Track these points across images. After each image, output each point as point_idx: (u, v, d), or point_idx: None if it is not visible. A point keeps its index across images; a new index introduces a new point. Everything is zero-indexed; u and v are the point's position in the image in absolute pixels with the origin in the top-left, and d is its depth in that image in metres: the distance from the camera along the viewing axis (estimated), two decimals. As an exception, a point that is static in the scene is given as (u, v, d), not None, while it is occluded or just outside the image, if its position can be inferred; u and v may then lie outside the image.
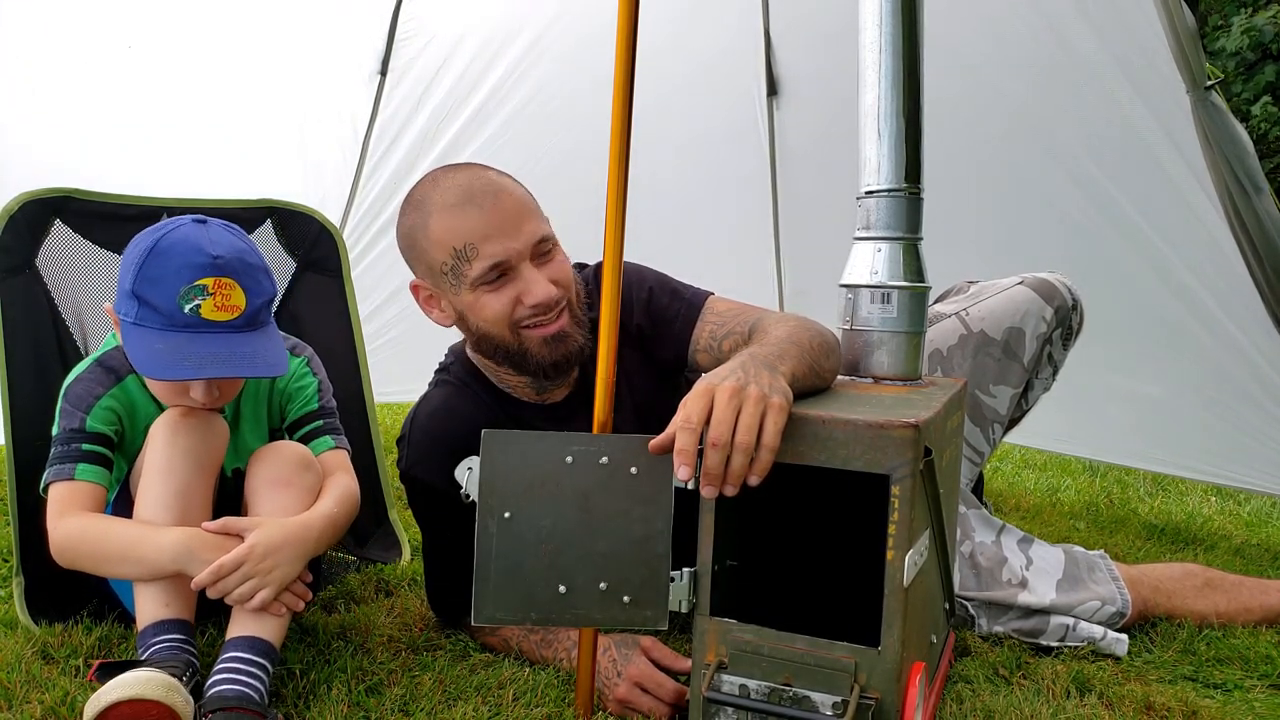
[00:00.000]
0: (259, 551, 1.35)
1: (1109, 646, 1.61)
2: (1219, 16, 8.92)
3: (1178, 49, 2.11)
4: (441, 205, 1.41)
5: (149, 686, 1.20)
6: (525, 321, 1.43)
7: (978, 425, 1.75)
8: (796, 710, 1.12)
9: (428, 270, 1.45)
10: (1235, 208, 2.14)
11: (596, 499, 1.17)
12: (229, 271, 1.40)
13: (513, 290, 1.42)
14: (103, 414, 1.51)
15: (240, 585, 1.34)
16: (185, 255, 1.38)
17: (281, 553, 1.38)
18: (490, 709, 1.35)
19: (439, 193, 1.42)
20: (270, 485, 1.49)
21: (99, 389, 1.52)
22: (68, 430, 1.49)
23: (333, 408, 1.71)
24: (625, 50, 1.24)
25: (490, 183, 1.43)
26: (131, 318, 1.40)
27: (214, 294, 1.39)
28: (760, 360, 1.18)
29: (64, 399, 1.52)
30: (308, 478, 1.52)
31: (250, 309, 1.42)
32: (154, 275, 1.38)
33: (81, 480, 1.46)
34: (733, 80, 3.31)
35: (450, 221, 1.40)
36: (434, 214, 1.41)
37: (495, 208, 1.40)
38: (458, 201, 1.40)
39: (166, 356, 1.36)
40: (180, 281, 1.37)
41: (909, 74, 1.41)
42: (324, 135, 3.07)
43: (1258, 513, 2.79)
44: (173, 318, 1.38)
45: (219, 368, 1.38)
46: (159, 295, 1.37)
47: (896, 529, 1.09)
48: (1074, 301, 1.75)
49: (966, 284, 1.86)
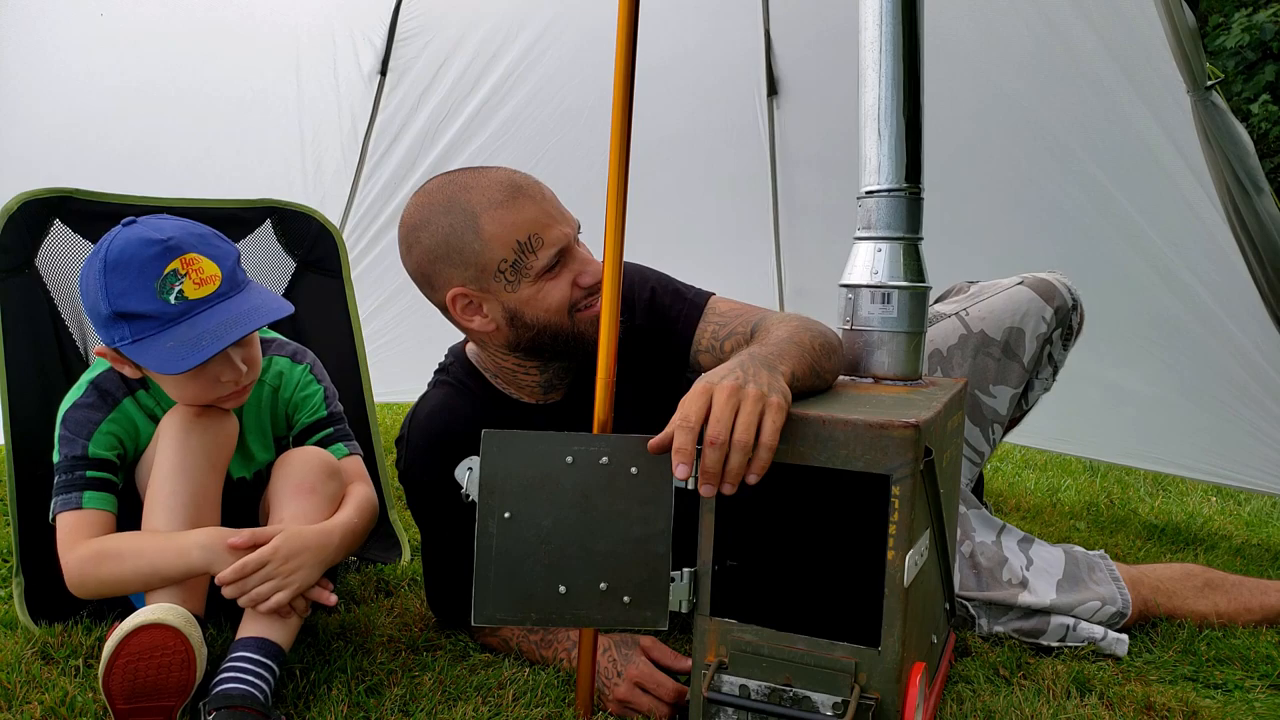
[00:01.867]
0: (282, 554, 1.36)
1: (1109, 647, 1.61)
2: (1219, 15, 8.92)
3: (1178, 48, 2.11)
4: (489, 203, 1.38)
5: (168, 614, 1.25)
6: (580, 304, 1.44)
7: (977, 425, 1.75)
8: (796, 710, 1.12)
9: (477, 274, 1.40)
10: (1235, 207, 2.14)
11: (596, 499, 1.17)
12: (186, 247, 1.39)
13: (569, 274, 1.42)
14: (104, 439, 1.50)
15: (261, 585, 1.35)
16: (138, 252, 1.37)
17: (303, 557, 1.38)
18: (490, 709, 1.35)
19: (478, 193, 1.39)
20: (295, 491, 1.49)
21: (98, 415, 1.51)
22: (70, 458, 1.48)
23: (341, 413, 1.71)
24: (625, 50, 1.24)
25: (526, 175, 1.44)
26: (129, 338, 1.38)
27: (187, 274, 1.38)
28: (759, 359, 1.18)
29: (62, 426, 1.50)
30: (331, 485, 1.52)
31: (226, 272, 1.41)
32: (122, 288, 1.36)
33: (89, 509, 1.46)
34: (733, 80, 3.31)
35: (505, 215, 1.38)
36: (483, 212, 1.38)
37: (544, 196, 1.41)
38: (507, 196, 1.39)
39: (181, 349, 1.36)
40: (149, 278, 1.36)
41: (909, 74, 1.41)
42: (324, 135, 3.07)
43: (1258, 513, 2.79)
44: (164, 313, 1.36)
45: (234, 331, 1.38)
46: (138, 301, 1.36)
47: (896, 529, 1.09)
48: (1074, 301, 1.75)
49: (966, 284, 1.86)
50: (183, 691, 1.26)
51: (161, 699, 1.25)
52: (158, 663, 1.24)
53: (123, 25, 2.61)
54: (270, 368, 1.65)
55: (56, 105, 2.58)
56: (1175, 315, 2.48)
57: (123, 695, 1.23)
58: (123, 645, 1.23)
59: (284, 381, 1.66)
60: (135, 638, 1.24)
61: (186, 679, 1.26)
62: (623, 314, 1.31)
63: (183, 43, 2.72)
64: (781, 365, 1.19)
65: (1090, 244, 2.60)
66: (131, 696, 1.23)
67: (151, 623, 1.24)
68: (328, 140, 3.08)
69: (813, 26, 3.10)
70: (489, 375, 1.57)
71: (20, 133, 2.52)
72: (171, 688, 1.25)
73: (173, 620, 1.25)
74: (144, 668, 1.23)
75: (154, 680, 1.24)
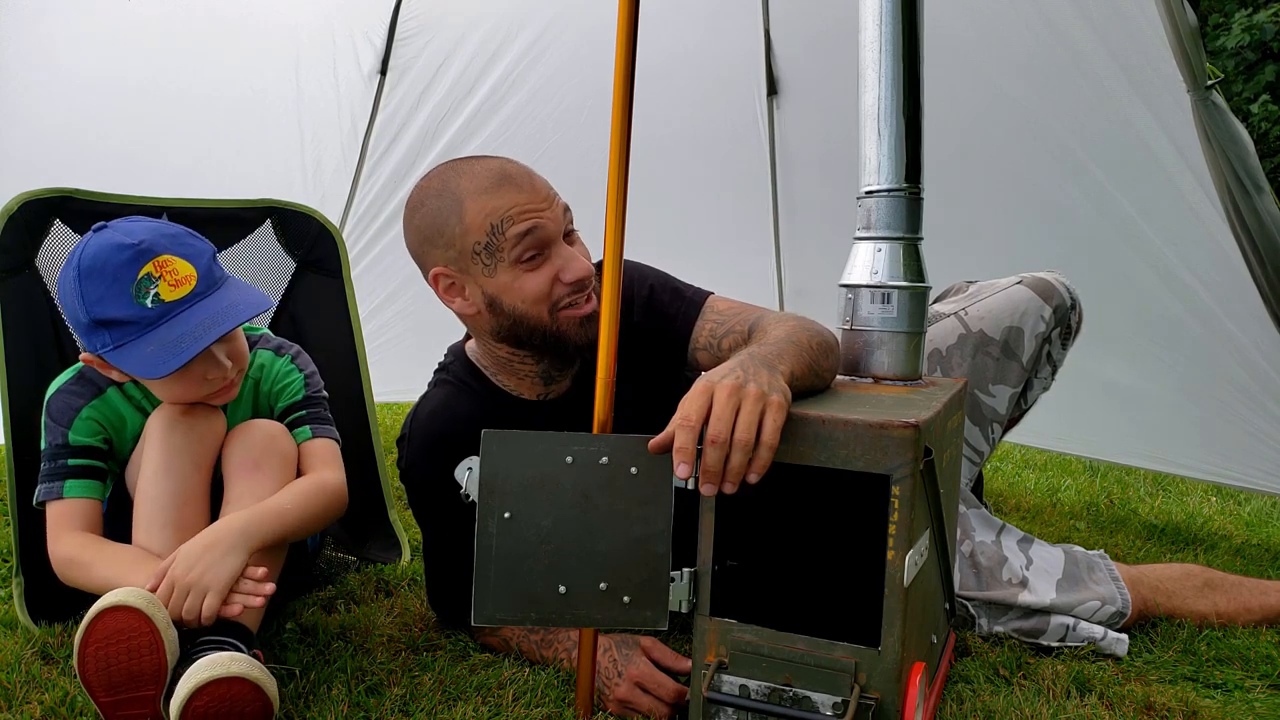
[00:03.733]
0: (180, 566, 1.31)
1: (1109, 647, 1.61)
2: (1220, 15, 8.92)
3: (1178, 48, 2.11)
4: (475, 189, 1.40)
5: (129, 595, 1.21)
6: (563, 302, 1.43)
7: (977, 425, 1.75)
8: (797, 711, 1.12)
9: (457, 255, 1.42)
10: (1235, 207, 2.14)
11: (596, 499, 1.17)
12: (159, 249, 1.38)
13: (550, 269, 1.42)
14: (85, 425, 1.50)
15: (184, 602, 1.29)
16: (110, 258, 1.36)
17: (206, 556, 1.32)
18: (490, 709, 1.35)
19: (468, 179, 1.41)
20: (240, 469, 1.49)
21: (79, 401, 1.51)
22: (52, 446, 1.49)
23: (320, 397, 1.70)
24: (625, 50, 1.24)
25: (520, 166, 1.45)
26: (111, 344, 1.37)
27: (162, 276, 1.37)
28: (759, 359, 1.18)
29: (46, 412, 1.51)
30: (273, 458, 1.51)
31: (202, 271, 1.41)
32: (98, 294, 1.36)
33: (71, 497, 1.46)
34: (733, 80, 3.31)
35: (488, 201, 1.39)
36: (467, 197, 1.40)
37: (532, 187, 1.42)
38: (493, 183, 1.40)
39: (161, 352, 1.36)
40: (124, 283, 1.35)
41: (909, 74, 1.41)
42: (324, 134, 3.07)
43: (1258, 513, 2.79)
44: (143, 318, 1.36)
45: (212, 330, 1.38)
46: (116, 307, 1.36)
47: (896, 529, 1.09)
48: (1072, 301, 1.75)
49: (965, 284, 1.86)
50: (157, 677, 1.22)
51: (140, 688, 1.22)
52: (126, 647, 1.21)
53: (122, 25, 2.61)
54: (254, 361, 1.65)
55: (56, 105, 2.58)
56: (1175, 315, 2.48)
57: (102, 687, 1.21)
58: (89, 632, 1.20)
59: (265, 374, 1.67)
60: (100, 622, 1.20)
61: (158, 663, 1.22)
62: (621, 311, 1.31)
63: (183, 42, 2.72)
64: (781, 365, 1.19)
65: (1090, 244, 2.59)
66: (110, 687, 1.21)
67: (114, 605, 1.21)
68: (328, 140, 3.08)
69: (813, 26, 3.10)
70: (489, 372, 1.57)
71: (20, 133, 2.52)
72: (146, 674, 1.22)
73: (134, 601, 1.21)
74: (114, 653, 1.21)
75: (127, 667, 1.21)
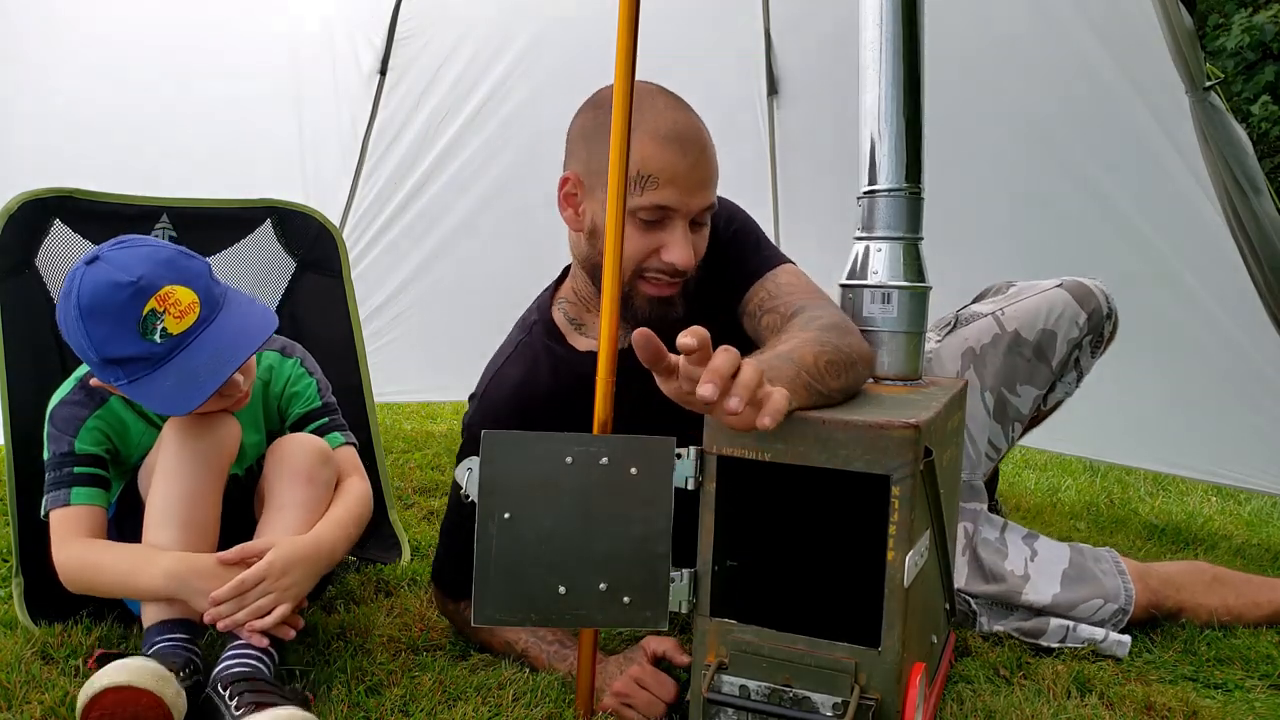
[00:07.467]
0: (278, 567, 1.35)
1: (1110, 648, 1.61)
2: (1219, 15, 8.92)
3: (1175, 50, 2.11)
4: (649, 129, 1.37)
5: (141, 674, 1.20)
6: (650, 273, 1.42)
7: (999, 423, 1.76)
8: (796, 711, 1.12)
9: (594, 172, 1.40)
10: (1234, 208, 2.15)
11: (596, 499, 1.17)
12: (158, 282, 1.34)
13: (658, 239, 1.40)
14: (90, 435, 1.49)
15: (259, 599, 1.33)
16: (110, 297, 1.32)
17: (298, 570, 1.37)
18: (490, 709, 1.35)
19: (652, 115, 1.38)
20: (291, 479, 1.48)
21: (84, 411, 1.50)
22: (58, 455, 1.48)
23: (335, 404, 1.70)
24: (625, 50, 1.24)
25: (701, 136, 1.41)
26: (124, 379, 1.36)
27: (165, 310, 1.34)
28: None
29: (50, 423, 1.50)
30: (325, 472, 1.51)
31: (202, 295, 1.38)
32: (104, 335, 1.34)
33: (78, 504, 1.46)
34: (733, 80, 3.31)
35: (651, 149, 1.36)
36: (638, 129, 1.35)
37: (696, 163, 1.38)
38: (666, 138, 1.37)
39: (181, 387, 1.35)
40: (129, 323, 1.33)
41: (909, 74, 1.41)
42: (324, 135, 3.06)
43: (1258, 513, 2.79)
44: (152, 354, 1.34)
45: (229, 364, 1.37)
46: (125, 346, 1.34)
47: (896, 529, 1.09)
48: (1109, 310, 1.76)
49: (1005, 284, 1.87)
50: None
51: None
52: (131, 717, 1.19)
53: (122, 25, 2.61)
54: (260, 362, 1.64)
55: (57, 105, 2.58)
56: (1175, 315, 2.48)
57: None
58: (92, 705, 1.18)
59: (274, 375, 1.66)
60: (105, 698, 1.18)
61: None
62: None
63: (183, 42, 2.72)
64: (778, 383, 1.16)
65: (1090, 244, 2.59)
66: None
67: (120, 685, 1.18)
68: (327, 140, 3.08)
69: (813, 26, 3.10)
70: (571, 327, 1.56)
71: (20, 133, 2.52)
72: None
73: (142, 682, 1.19)
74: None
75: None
